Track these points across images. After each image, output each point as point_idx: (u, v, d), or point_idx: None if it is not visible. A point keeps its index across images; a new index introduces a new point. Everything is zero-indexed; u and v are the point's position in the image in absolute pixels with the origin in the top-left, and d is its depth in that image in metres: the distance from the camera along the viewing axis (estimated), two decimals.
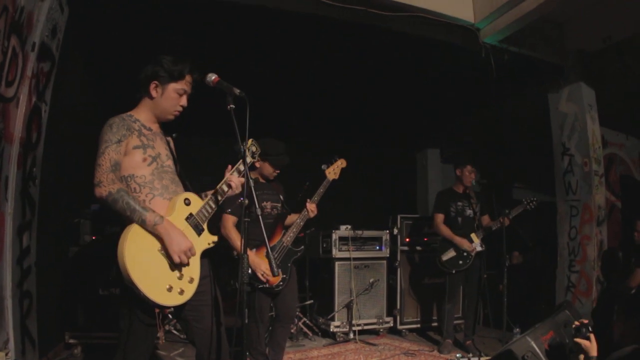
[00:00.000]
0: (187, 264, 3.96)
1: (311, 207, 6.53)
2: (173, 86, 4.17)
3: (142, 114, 4.21)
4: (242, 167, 4.44)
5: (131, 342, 3.91)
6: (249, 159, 4.76)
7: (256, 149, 5.01)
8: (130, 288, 3.64)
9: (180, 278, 3.90)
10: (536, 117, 10.05)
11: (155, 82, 4.14)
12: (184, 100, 4.26)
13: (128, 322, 3.89)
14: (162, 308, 3.84)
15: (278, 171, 6.60)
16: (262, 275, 5.99)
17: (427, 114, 12.06)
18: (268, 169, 6.50)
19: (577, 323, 4.76)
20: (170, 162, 4.29)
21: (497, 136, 12.04)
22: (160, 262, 3.82)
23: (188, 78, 4.25)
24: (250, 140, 4.98)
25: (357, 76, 9.63)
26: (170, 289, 3.79)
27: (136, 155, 4.00)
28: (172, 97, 4.19)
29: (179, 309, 4.04)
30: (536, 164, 11.02)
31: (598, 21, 8.17)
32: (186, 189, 4.34)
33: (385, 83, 10.04)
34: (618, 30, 8.15)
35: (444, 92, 10.50)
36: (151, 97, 4.18)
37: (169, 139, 4.52)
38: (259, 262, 6.03)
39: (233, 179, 4.40)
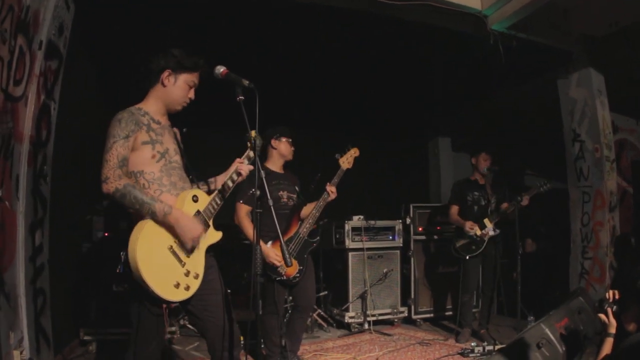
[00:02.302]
0: (196, 248, 4.07)
1: (331, 189, 6.58)
2: (185, 77, 4.20)
3: (152, 106, 4.22)
4: (252, 154, 4.46)
5: (142, 335, 3.98)
6: (252, 154, 4.78)
7: (259, 141, 5.03)
8: (139, 284, 3.70)
9: (187, 275, 3.96)
10: (546, 104, 10.03)
11: (169, 70, 4.16)
12: (192, 93, 4.29)
13: (137, 316, 3.95)
14: (169, 303, 3.87)
15: (292, 148, 6.67)
16: (274, 262, 6.05)
17: (437, 103, 12.07)
18: (286, 147, 6.65)
19: (608, 295, 4.74)
20: (178, 157, 4.31)
21: (507, 123, 12.00)
22: (170, 260, 3.88)
23: (198, 73, 4.29)
24: (253, 131, 5.00)
25: (365, 66, 9.62)
26: (177, 286, 3.86)
27: (145, 152, 4.02)
28: (183, 87, 4.21)
29: (185, 301, 4.05)
30: (547, 150, 10.99)
31: (604, 6, 8.12)
32: (192, 186, 4.39)
33: (394, 72, 10.02)
34: (625, 15, 8.11)
35: (453, 81, 10.49)
36: (163, 85, 4.19)
37: (176, 130, 4.55)
38: (268, 251, 6.06)
39: (243, 167, 4.46)
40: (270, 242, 6.20)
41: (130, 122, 3.94)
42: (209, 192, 4.42)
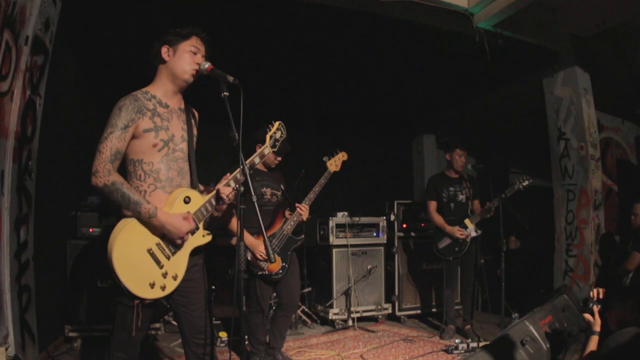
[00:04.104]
0: (180, 248, 4.05)
1: (302, 210, 6.61)
2: (183, 45, 4.15)
3: (159, 88, 4.20)
4: (239, 176, 4.40)
5: (118, 325, 4.01)
6: (267, 150, 4.78)
7: (281, 133, 5.00)
8: (115, 279, 3.72)
9: (164, 276, 3.95)
10: (532, 102, 10.06)
11: (166, 45, 4.15)
12: (199, 58, 4.21)
13: (115, 307, 3.99)
14: (142, 300, 3.87)
15: (280, 159, 6.65)
16: (260, 255, 6.04)
17: (422, 101, 12.07)
18: (270, 157, 6.50)
19: (592, 293, 4.77)
20: (184, 145, 4.27)
21: (493, 121, 12.05)
22: (147, 261, 3.88)
23: (197, 39, 4.26)
24: (277, 122, 4.98)
25: (351, 63, 9.62)
26: (152, 285, 3.86)
27: (147, 140, 3.99)
28: (184, 56, 4.15)
29: (162, 297, 4.04)
30: (532, 148, 11.04)
31: (591, 6, 8.17)
32: (192, 180, 4.34)
33: (379, 69, 10.04)
34: (611, 15, 8.14)
35: (438, 78, 10.49)
36: (164, 61, 4.16)
37: (194, 112, 4.56)
38: (257, 244, 6.07)
39: (225, 191, 4.34)
40: (254, 235, 6.21)
41: (132, 111, 3.91)
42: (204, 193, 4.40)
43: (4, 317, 4.98)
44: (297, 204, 6.63)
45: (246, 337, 6.19)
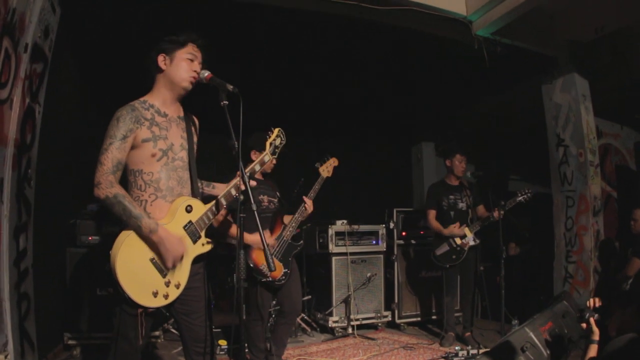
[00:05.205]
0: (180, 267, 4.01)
1: (308, 202, 6.57)
2: (180, 53, 4.13)
3: (158, 98, 4.17)
4: (267, 158, 4.39)
5: (120, 334, 3.97)
6: (267, 157, 4.77)
7: (281, 140, 4.99)
8: (118, 288, 3.70)
9: (167, 285, 3.94)
10: (531, 109, 10.06)
11: (163, 54, 4.11)
12: (196, 66, 4.19)
13: (117, 316, 3.95)
14: (146, 308, 3.86)
15: (274, 162, 6.64)
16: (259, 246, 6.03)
17: (421, 108, 12.06)
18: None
19: (589, 303, 4.77)
20: (183, 154, 4.24)
21: (492, 128, 12.04)
22: (150, 270, 3.86)
23: (193, 46, 4.23)
24: (277, 129, 4.96)
25: (349, 70, 9.61)
26: (155, 294, 3.86)
27: (145, 150, 3.97)
28: (182, 63, 4.13)
29: (164, 306, 4.03)
30: (532, 155, 11.03)
31: (590, 12, 8.16)
32: (193, 188, 4.32)
33: (378, 77, 10.04)
34: (610, 20, 8.13)
35: (437, 86, 10.48)
36: (162, 70, 4.13)
37: (194, 119, 4.53)
38: (258, 240, 6.05)
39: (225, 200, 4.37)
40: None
41: (129, 121, 3.88)
42: (207, 199, 4.39)
43: (3, 324, 4.97)
44: (303, 197, 6.62)
45: (246, 345, 6.18)
